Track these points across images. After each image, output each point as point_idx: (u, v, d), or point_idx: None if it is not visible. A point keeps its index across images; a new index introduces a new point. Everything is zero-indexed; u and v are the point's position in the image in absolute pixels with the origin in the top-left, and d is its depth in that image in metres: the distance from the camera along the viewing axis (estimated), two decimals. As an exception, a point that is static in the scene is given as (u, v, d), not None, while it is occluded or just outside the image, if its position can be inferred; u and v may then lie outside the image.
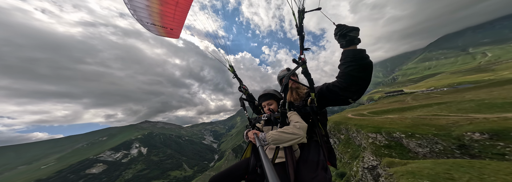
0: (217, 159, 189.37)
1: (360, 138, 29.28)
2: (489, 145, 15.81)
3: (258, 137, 1.75)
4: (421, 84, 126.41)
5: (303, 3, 1.71)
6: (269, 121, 2.19)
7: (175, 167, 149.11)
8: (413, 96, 65.64)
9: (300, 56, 1.83)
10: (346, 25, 1.48)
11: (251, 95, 3.25)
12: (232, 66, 3.25)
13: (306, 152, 1.81)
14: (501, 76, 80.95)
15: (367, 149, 25.76)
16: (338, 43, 1.54)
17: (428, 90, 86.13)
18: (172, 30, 3.11)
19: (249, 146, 2.23)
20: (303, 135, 1.60)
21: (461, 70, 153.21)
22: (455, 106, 27.77)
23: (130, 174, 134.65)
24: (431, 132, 20.34)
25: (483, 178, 7.88)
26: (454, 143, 18.20)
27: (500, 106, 22.30)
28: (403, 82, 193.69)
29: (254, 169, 1.86)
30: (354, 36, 1.45)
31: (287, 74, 1.95)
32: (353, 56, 1.46)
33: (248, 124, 2.57)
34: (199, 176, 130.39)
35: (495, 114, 20.12)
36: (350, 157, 31.58)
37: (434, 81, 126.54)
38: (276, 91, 2.48)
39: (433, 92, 64.79)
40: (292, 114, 1.97)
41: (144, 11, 2.59)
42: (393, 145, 23.05)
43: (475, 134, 17.33)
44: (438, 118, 23.48)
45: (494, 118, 18.01)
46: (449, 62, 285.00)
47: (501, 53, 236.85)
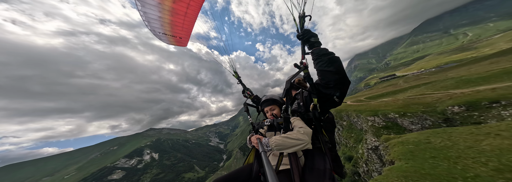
0: (226, 159, 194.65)
1: (361, 122, 32.18)
2: (467, 115, 18.66)
3: (261, 142, 1.70)
4: (412, 67, 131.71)
5: (304, 9, 1.82)
6: (272, 126, 2.16)
7: (187, 170, 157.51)
8: (405, 79, 69.50)
9: (302, 61, 1.85)
10: (309, 31, 1.77)
11: (257, 96, 3.31)
12: (236, 73, 3.41)
13: (311, 159, 1.75)
14: (483, 53, 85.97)
15: (368, 131, 28.57)
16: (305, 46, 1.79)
17: (419, 72, 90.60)
18: (181, 38, 3.35)
19: (252, 151, 2.19)
20: (308, 140, 1.54)
21: (447, 51, 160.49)
22: (439, 84, 30.95)
23: (148, 178, 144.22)
24: (419, 109, 23.27)
25: (450, 139, 10.66)
26: (440, 117, 21.10)
27: (474, 81, 25.47)
28: (396, 66, 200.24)
29: (257, 175, 1.83)
30: (314, 41, 1.73)
31: (288, 79, 1.98)
32: (318, 53, 1.69)
33: (251, 129, 2.58)
34: (212, 176, 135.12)
35: (470, 88, 23.23)
36: (355, 141, 34.55)
37: (424, 63, 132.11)
38: (278, 97, 2.50)
39: (422, 74, 68.79)
40: (295, 120, 1.94)
41: (157, 22, 2.81)
42: (390, 125, 25.81)
43: (454, 107, 20.28)
44: (425, 96, 26.51)
45: (469, 91, 21.02)
46: (434, 44, 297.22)
47: (480, 32, 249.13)
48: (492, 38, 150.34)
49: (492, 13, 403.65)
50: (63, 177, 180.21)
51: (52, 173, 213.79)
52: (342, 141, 41.94)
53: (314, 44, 1.74)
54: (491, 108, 17.20)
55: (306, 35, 1.74)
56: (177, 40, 3.39)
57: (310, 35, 1.73)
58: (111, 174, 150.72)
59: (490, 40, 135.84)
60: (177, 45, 3.59)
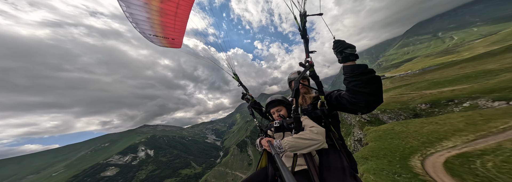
0: (223, 156, 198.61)
1: (350, 118, 36.76)
2: (430, 111, 23.24)
3: (273, 145, 1.66)
4: (401, 69, 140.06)
5: (305, 7, 1.74)
6: (280, 127, 2.11)
7: (184, 166, 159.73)
8: (391, 80, 75.58)
9: (307, 59, 1.80)
10: (343, 42, 1.56)
11: (257, 101, 3.21)
12: (236, 75, 3.25)
13: (325, 157, 1.67)
14: (462, 57, 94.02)
15: (355, 126, 33.15)
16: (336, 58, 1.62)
17: (405, 73, 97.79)
18: (173, 40, 3.17)
19: (263, 154, 2.14)
20: (323, 140, 1.51)
21: (433, 54, 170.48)
22: (415, 85, 35.87)
23: (144, 174, 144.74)
24: (396, 107, 27.84)
25: (407, 127, 14.77)
26: (411, 113, 25.66)
27: (441, 83, 30.37)
28: (387, 67, 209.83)
29: (273, 179, 1.78)
30: (349, 53, 1.52)
31: (297, 78, 1.91)
32: (352, 72, 1.51)
33: (259, 132, 2.52)
34: (209, 172, 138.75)
35: (437, 89, 27.99)
36: (344, 134, 39.15)
37: (411, 65, 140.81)
38: (283, 97, 2.45)
39: (406, 75, 75.29)
40: (305, 119, 1.91)
41: (145, 24, 2.63)
42: (373, 120, 30.34)
43: (422, 105, 24.92)
44: (402, 96, 31.17)
45: (435, 92, 25.65)
46: (423, 46, 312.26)
47: (465, 36, 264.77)
48: (473, 42, 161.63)
49: (477, 18, 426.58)
50: (50, 174, 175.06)
51: (38, 171, 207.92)
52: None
53: (349, 57, 1.55)
54: (447, 105, 21.84)
55: (340, 46, 1.57)
56: (170, 42, 3.22)
57: (346, 46, 1.54)
58: (104, 170, 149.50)
59: (471, 45, 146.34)
60: (170, 47, 3.39)
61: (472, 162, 7.13)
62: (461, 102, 21.17)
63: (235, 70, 3.30)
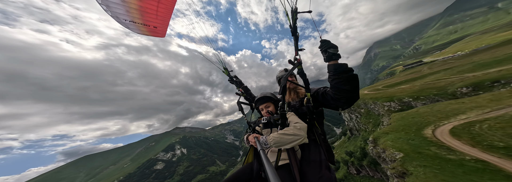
0: (243, 155, 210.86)
1: (378, 108, 35.71)
2: (474, 94, 21.80)
3: (259, 141, 1.75)
4: (447, 50, 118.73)
5: (296, 4, 1.77)
6: (268, 123, 2.18)
7: (211, 164, 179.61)
8: (430, 65, 66.21)
9: (296, 57, 1.87)
10: (328, 42, 1.68)
11: (252, 94, 3.20)
12: (226, 69, 3.09)
13: (307, 152, 1.81)
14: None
15: (384, 115, 32.33)
16: (322, 56, 1.72)
17: (452, 55, 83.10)
18: (156, 28, 2.90)
19: (250, 150, 2.22)
20: (304, 135, 1.62)
21: (494, 28, 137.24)
22: (457, 69, 32.13)
23: (182, 169, 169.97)
24: (431, 93, 26.40)
25: (432, 108, 15.34)
26: (450, 98, 24.31)
27: (489, 64, 26.70)
28: (427, 51, 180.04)
29: (258, 174, 1.86)
30: (332, 53, 1.64)
31: (284, 75, 1.98)
32: (335, 70, 1.64)
33: (248, 129, 2.55)
34: (232, 170, 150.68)
35: (483, 71, 25.01)
36: (373, 125, 38.18)
37: (462, 44, 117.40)
38: (271, 94, 2.48)
39: (451, 58, 64.53)
40: (290, 115, 2.00)
41: (119, 7, 2.38)
42: (405, 108, 29.20)
43: (462, 88, 23.30)
44: (440, 81, 28.86)
45: (479, 74, 23.23)
46: (477, 22, 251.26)
47: None
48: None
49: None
50: (123, 166, 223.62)
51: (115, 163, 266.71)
52: (361, 127, 45.46)
53: (332, 57, 1.67)
54: (493, 87, 20.19)
55: (325, 45, 1.68)
56: (151, 30, 2.93)
57: (329, 46, 1.66)
58: (155, 164, 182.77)
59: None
60: (152, 36, 3.07)
61: (472, 126, 8.24)
62: (508, 82, 19.30)
63: (225, 64, 3.10)
